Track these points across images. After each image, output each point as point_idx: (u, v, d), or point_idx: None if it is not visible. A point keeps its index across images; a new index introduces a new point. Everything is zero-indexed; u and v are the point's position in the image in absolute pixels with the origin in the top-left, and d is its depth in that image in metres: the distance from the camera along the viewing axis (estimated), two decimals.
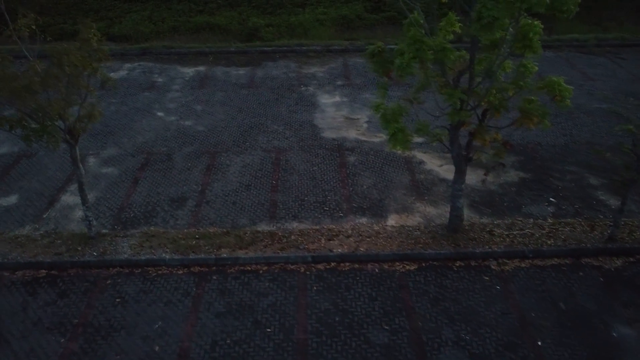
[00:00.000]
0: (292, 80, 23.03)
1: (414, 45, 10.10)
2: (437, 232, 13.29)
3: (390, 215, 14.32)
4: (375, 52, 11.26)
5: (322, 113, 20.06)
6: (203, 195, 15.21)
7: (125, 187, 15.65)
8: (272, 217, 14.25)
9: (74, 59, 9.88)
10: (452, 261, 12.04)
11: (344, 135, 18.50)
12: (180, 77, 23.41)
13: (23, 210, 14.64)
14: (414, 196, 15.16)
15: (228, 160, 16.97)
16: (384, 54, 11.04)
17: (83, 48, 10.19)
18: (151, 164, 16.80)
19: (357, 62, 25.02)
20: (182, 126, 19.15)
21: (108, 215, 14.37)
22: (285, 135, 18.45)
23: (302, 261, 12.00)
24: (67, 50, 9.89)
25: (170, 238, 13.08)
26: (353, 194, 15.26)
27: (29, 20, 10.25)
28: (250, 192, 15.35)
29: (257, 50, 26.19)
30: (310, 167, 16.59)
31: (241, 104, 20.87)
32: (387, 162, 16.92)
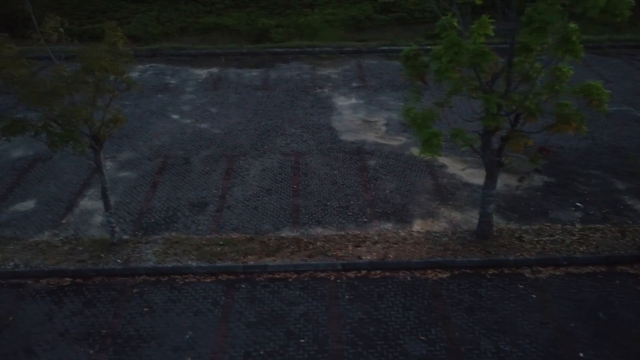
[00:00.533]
0: (306, 82, 22.79)
1: (452, 48, 9.85)
2: (466, 239, 13.04)
3: (415, 220, 14.07)
4: (409, 55, 10.99)
5: (339, 116, 19.81)
6: (223, 200, 14.96)
7: (144, 191, 15.40)
8: (295, 223, 14.00)
9: (104, 64, 9.62)
10: (485, 269, 11.79)
11: (363, 138, 18.26)
12: (192, 79, 23.16)
13: (41, 215, 14.38)
14: (438, 201, 14.91)
15: (247, 164, 16.72)
16: (419, 58, 10.76)
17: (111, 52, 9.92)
18: (169, 168, 16.55)
19: (371, 63, 24.79)
20: (198, 129, 18.90)
21: (128, 220, 14.11)
22: (303, 139, 18.21)
23: (332, 269, 11.75)
24: (98, 54, 9.62)
25: (194, 244, 12.82)
26: (376, 198, 15.02)
27: (56, 23, 9.97)
28: (272, 197, 15.10)
29: (269, 52, 25.95)
30: (330, 171, 16.35)
31: (256, 106, 20.62)
32: (408, 165, 16.67)
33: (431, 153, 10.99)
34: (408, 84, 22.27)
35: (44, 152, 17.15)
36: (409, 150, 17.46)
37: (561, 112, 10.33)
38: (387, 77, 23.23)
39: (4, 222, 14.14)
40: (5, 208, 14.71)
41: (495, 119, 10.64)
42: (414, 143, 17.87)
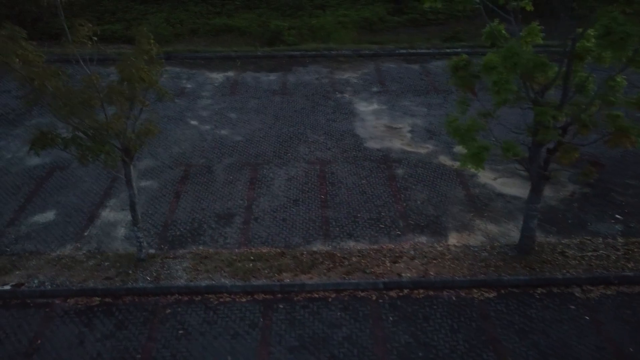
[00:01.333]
0: (326, 86, 22.26)
1: (512, 59, 9.29)
2: (507, 254, 12.53)
3: (450, 233, 13.57)
4: (459, 65, 10.46)
5: (362, 122, 19.29)
6: (250, 212, 14.45)
7: (167, 202, 14.89)
8: (326, 236, 13.49)
9: (143, 75, 9.10)
10: (533, 288, 11.28)
11: (389, 145, 17.74)
12: (209, 83, 22.63)
13: (62, 227, 13.87)
14: (472, 212, 14.40)
15: (271, 173, 16.20)
16: (469, 68, 10.22)
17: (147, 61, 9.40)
18: (191, 177, 16.03)
19: (390, 67, 24.26)
20: (219, 136, 18.37)
21: (153, 233, 13.61)
22: (327, 146, 17.69)
23: (373, 288, 11.24)
24: (137, 65, 9.09)
25: (224, 260, 12.31)
26: (408, 210, 14.51)
27: (88, 31, 9.44)
28: (299, 208, 14.59)
29: (285, 55, 25.40)
30: (358, 180, 15.83)
31: (276, 111, 20.09)
32: (437, 174, 16.16)
33: (477, 167, 10.43)
34: (431, 89, 21.89)
35: (61, 159, 16.68)
36: (437, 159, 16.95)
37: (620, 125, 9.79)
38: (408, 81, 22.71)
39: (24, 234, 13.63)
40: (24, 219, 14.20)
41: (551, 133, 10.08)
42: (441, 151, 17.38)
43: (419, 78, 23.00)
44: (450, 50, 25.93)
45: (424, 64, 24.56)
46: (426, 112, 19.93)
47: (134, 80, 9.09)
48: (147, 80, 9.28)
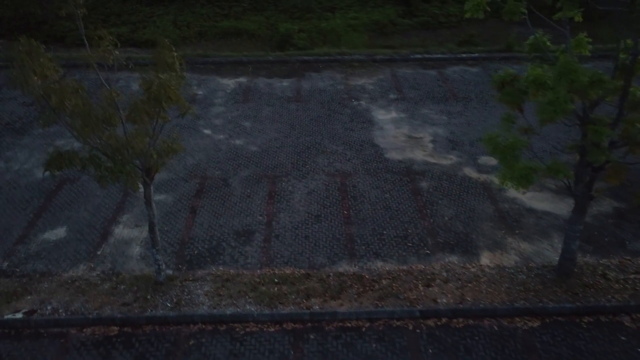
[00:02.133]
0: (341, 93, 21.59)
1: (569, 76, 8.60)
2: (545, 276, 11.87)
3: (482, 252, 12.91)
4: (506, 80, 9.77)
5: (381, 131, 18.62)
6: (270, 228, 13.78)
7: (183, 217, 14.22)
8: (351, 255, 12.84)
9: (172, 94, 8.43)
10: (579, 316, 10.61)
11: (410, 156, 17.07)
12: (221, 90, 21.95)
13: (74, 245, 13.21)
14: (503, 230, 13.74)
15: (290, 186, 15.53)
16: (516, 84, 9.53)
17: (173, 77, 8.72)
18: (207, 191, 15.36)
19: (406, 73, 23.59)
20: (234, 146, 17.70)
21: (169, 251, 12.94)
22: (346, 157, 17.02)
23: (409, 316, 10.57)
24: (165, 83, 8.42)
25: (247, 283, 11.64)
26: (435, 226, 13.85)
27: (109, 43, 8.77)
28: (322, 225, 13.92)
29: (298, 60, 24.71)
30: (381, 194, 15.17)
31: (292, 120, 19.42)
32: (463, 188, 15.50)
33: (524, 188, 9.76)
34: (450, 96, 21.22)
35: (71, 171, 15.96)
36: (462, 171, 16.28)
37: None
38: (425, 87, 22.04)
39: (34, 253, 12.97)
40: (34, 237, 13.54)
41: (604, 152, 9.39)
42: (466, 162, 16.72)
43: (437, 84, 22.33)
44: (466, 55, 25.30)
45: (440, 69, 23.90)
46: (447, 121, 19.26)
47: (161, 99, 8.42)
48: (175, 99, 8.61)
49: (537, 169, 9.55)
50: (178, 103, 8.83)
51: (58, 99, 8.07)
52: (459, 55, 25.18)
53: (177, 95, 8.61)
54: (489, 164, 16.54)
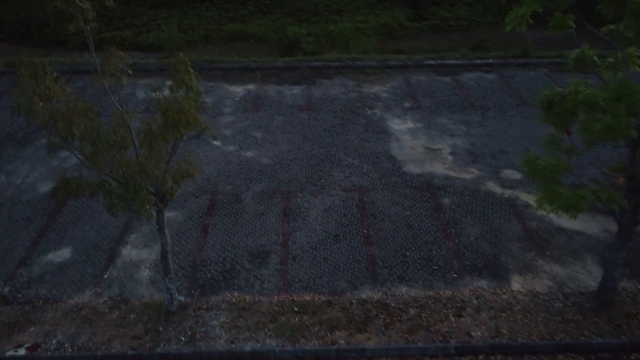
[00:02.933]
0: (354, 101, 20.83)
1: (630, 97, 7.82)
2: (584, 305, 11.12)
3: (512, 276, 12.17)
4: (553, 100, 8.99)
5: (398, 142, 17.87)
6: (286, 249, 13.04)
7: (194, 237, 13.47)
8: (374, 279, 12.11)
9: (192, 119, 7.68)
10: (627, 353, 9.85)
11: (430, 169, 16.31)
12: (230, 97, 21.20)
13: (80, 268, 12.47)
14: (533, 251, 13.00)
15: (306, 202, 14.78)
16: (565, 104, 8.76)
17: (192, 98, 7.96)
18: (219, 207, 14.61)
19: (420, 79, 22.82)
20: (245, 158, 16.95)
21: (181, 275, 12.20)
22: (362, 170, 16.26)
23: (444, 353, 9.83)
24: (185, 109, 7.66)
25: (265, 312, 10.89)
26: (461, 247, 13.10)
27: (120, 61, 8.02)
28: (341, 245, 13.18)
29: (308, 66, 23.95)
30: (401, 211, 14.41)
31: (304, 130, 18.67)
32: (487, 204, 14.75)
33: (572, 217, 9.00)
34: (467, 104, 20.48)
35: None
36: (484, 185, 15.53)
37: None
38: (441, 95, 21.28)
39: (37, 277, 12.24)
40: (37, 258, 12.80)
41: None
42: (488, 176, 15.97)
43: (453, 92, 21.57)
44: (480, 61, 24.55)
45: (455, 76, 23.14)
46: (465, 131, 18.51)
47: (180, 125, 7.68)
48: (195, 123, 7.86)
49: (586, 197, 8.78)
50: (197, 126, 8.08)
51: (66, 123, 7.32)
52: (474, 61, 24.43)
53: (197, 119, 7.85)
54: (513, 178, 15.81)
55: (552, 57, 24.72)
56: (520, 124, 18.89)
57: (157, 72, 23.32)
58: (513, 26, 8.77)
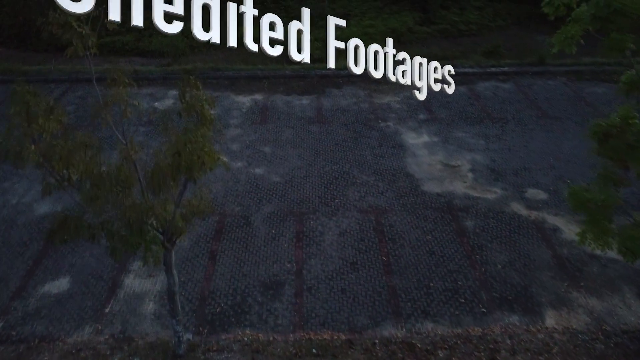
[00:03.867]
0: (366, 112, 19.93)
1: None
2: (627, 346, 10.24)
3: (546, 311, 11.28)
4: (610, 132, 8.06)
5: (414, 158, 16.95)
6: (301, 279, 12.14)
7: (202, 265, 12.57)
8: (397, 314, 11.21)
9: (207, 158, 6.77)
10: None
11: (449, 188, 15.40)
12: (236, 108, 20.28)
13: (79, 301, 11.57)
14: (566, 281, 12.10)
15: (320, 225, 13.87)
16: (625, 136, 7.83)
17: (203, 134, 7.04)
18: (227, 231, 13.70)
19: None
20: (253, 175, 16.04)
21: (188, 309, 11.29)
22: (379, 189, 15.35)
23: None
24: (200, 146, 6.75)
25: (281, 355, 10.00)
26: (488, 277, 12.20)
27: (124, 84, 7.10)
28: (359, 274, 12.28)
29: (317, 74, 23.03)
30: (422, 235, 13.51)
31: (315, 144, 17.76)
32: (514, 228, 13.84)
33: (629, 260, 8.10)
34: (484, 117, 19.57)
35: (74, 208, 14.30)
36: (509, 206, 14.62)
37: None
38: (456, 106, 20.37)
39: (32, 311, 11.34)
40: (33, 290, 11.90)
41: None
42: (512, 196, 15.07)
43: (469, 103, 20.66)
44: (495, 69, 23.65)
45: (470, 85, 22.23)
46: (485, 146, 17.60)
47: (195, 169, 6.77)
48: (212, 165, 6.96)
49: None
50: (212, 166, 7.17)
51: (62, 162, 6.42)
52: (489, 70, 23.52)
53: (213, 159, 6.94)
54: (538, 198, 14.91)
55: (570, 64, 23.82)
56: (542, 138, 18.00)
57: (160, 80, 22.41)
58: (561, 47, 7.86)
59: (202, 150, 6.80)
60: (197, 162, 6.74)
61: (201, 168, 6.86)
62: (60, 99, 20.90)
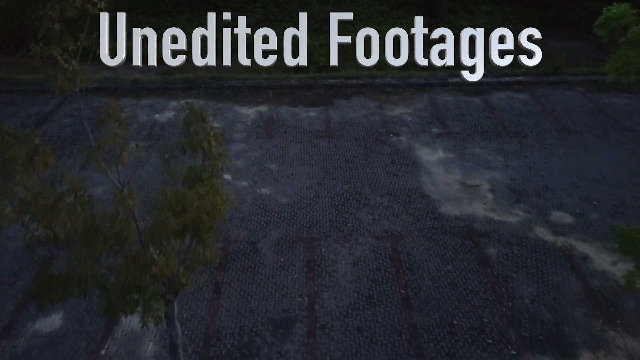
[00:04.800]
0: (377, 125, 18.99)
1: None
2: None
3: (582, 353, 10.37)
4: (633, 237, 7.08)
5: (430, 176, 16.01)
6: (313, 315, 11.20)
7: (205, 299, 11.64)
8: (419, 356, 10.27)
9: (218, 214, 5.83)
10: None
11: (469, 211, 14.46)
12: (240, 121, 19.34)
13: (73, 341, 10.66)
14: (601, 318, 11.16)
15: (332, 253, 12.93)
16: None
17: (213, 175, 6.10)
18: (233, 260, 12.77)
19: (447, 100, 20.97)
20: (260, 196, 15.09)
21: (191, 351, 10.37)
22: (393, 211, 14.41)
23: None
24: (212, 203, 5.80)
25: None
26: (516, 313, 11.26)
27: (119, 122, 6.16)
28: (376, 310, 11.34)
29: (324, 84, 22.09)
30: (442, 265, 12.58)
31: (324, 161, 16.82)
32: (540, 256, 12.92)
33: None
34: (501, 131, 18.63)
35: None
36: (533, 231, 13.69)
37: None
38: (471, 119, 19.43)
39: (22, 352, 10.42)
40: (22, 328, 10.95)
41: None
42: (536, 219, 14.14)
43: (484, 115, 19.72)
44: (510, 79, 22.71)
45: (484, 96, 21.30)
46: (503, 163, 16.66)
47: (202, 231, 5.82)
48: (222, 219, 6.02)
49: None
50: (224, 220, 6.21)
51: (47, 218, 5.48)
52: (503, 79, 22.57)
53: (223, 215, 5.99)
54: (564, 222, 13.99)
55: (587, 74, 22.91)
56: (563, 155, 17.06)
57: (161, 90, 21.48)
58: (617, 76, 6.91)
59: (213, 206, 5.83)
60: (207, 223, 5.77)
61: (211, 229, 5.91)
62: (56, 110, 19.97)
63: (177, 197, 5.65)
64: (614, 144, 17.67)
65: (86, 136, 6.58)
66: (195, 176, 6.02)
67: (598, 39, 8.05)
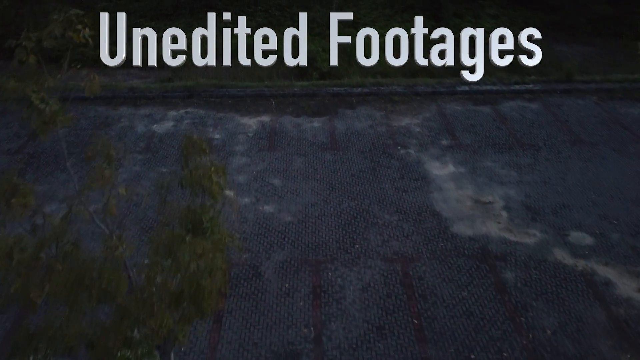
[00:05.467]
0: (384, 137, 18.24)
1: None
2: None
3: None
4: None
5: (441, 192, 15.26)
6: (320, 348, 10.49)
7: (205, 330, 10.90)
8: None
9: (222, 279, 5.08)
10: None
11: (482, 230, 13.72)
12: (241, 132, 18.59)
13: None
14: (628, 351, 10.44)
15: (339, 278, 12.20)
16: None
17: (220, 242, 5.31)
18: (234, 285, 12.05)
19: (455, 110, 20.23)
20: (262, 214, 14.35)
21: None
22: (403, 231, 13.67)
23: None
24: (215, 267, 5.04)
25: None
26: (537, 345, 10.53)
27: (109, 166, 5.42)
28: (388, 342, 10.61)
29: (328, 92, 21.34)
30: (457, 291, 11.84)
31: (329, 176, 16.07)
32: (559, 281, 12.18)
33: None
34: (514, 143, 17.90)
35: None
36: (551, 254, 12.96)
37: None
38: (482, 130, 18.69)
39: None
40: None
41: None
42: (553, 240, 13.41)
43: (495, 126, 18.98)
44: (520, 87, 21.96)
45: (494, 105, 20.55)
46: (517, 178, 15.91)
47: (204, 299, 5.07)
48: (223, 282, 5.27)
49: None
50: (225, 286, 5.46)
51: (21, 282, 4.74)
52: (513, 87, 21.83)
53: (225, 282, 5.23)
54: (584, 244, 13.26)
55: (599, 81, 22.17)
56: (579, 169, 16.32)
57: (159, 99, 20.73)
58: None
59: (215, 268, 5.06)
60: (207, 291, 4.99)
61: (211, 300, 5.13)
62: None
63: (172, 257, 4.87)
64: (632, 157, 16.94)
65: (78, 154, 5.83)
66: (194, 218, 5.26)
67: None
